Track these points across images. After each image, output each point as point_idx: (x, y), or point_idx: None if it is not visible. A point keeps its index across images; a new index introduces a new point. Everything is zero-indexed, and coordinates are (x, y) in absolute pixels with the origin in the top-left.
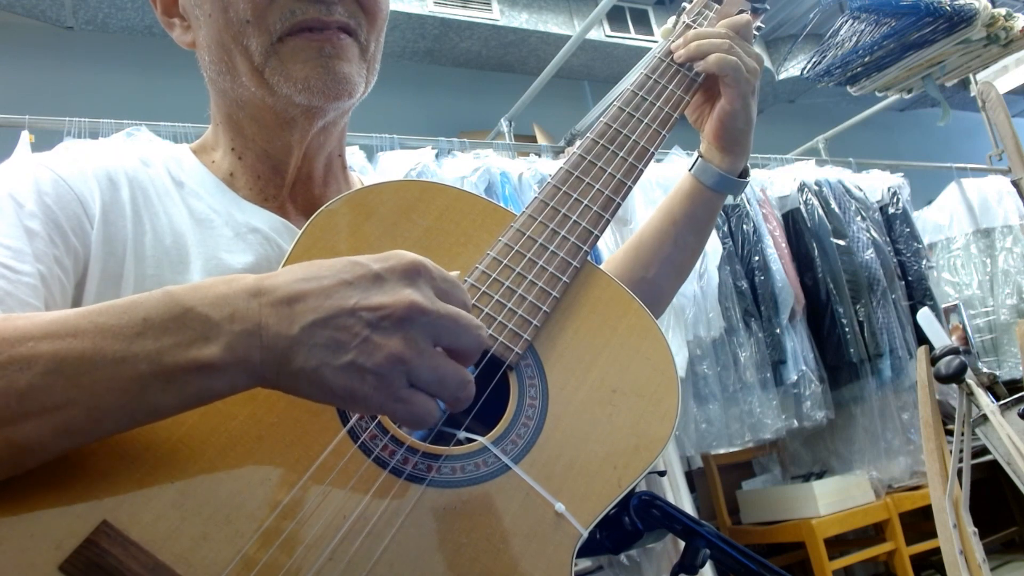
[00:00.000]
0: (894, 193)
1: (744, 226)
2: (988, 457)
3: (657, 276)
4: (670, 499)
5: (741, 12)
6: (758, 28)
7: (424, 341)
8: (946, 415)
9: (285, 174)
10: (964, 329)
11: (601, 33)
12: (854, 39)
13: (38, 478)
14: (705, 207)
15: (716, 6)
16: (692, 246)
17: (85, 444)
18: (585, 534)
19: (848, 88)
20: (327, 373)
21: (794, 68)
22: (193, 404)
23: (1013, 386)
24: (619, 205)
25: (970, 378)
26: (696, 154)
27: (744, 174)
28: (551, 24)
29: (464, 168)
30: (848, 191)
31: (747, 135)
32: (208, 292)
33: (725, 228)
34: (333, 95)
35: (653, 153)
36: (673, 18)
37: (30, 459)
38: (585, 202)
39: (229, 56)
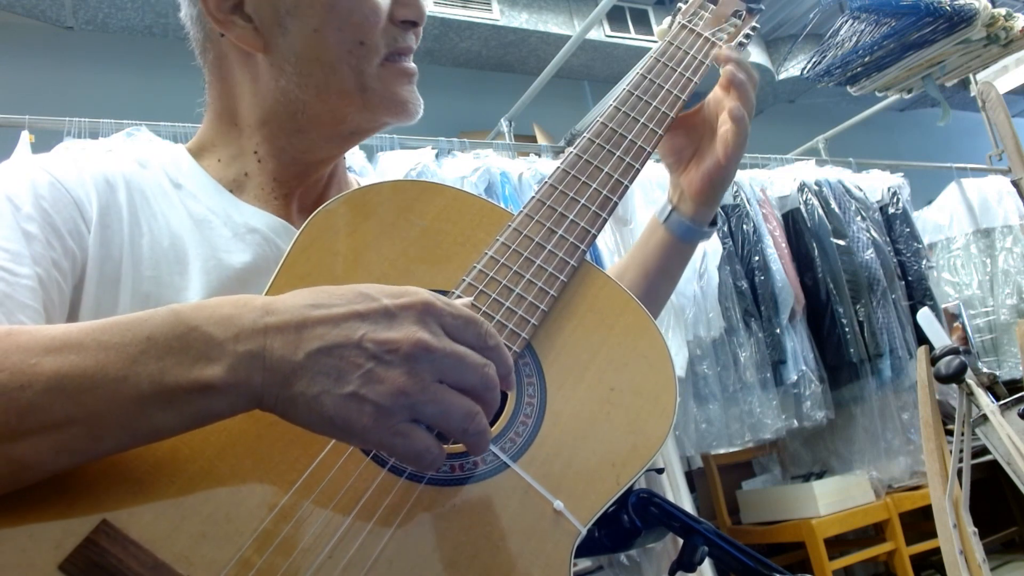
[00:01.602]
0: (894, 193)
1: (744, 226)
2: (988, 457)
3: None
4: (670, 499)
5: (736, 12)
6: (754, 28)
7: (429, 377)
8: (946, 415)
9: (307, 179)
10: (964, 329)
11: (601, 33)
12: (854, 39)
13: None
14: (679, 257)
15: (712, 6)
16: (664, 292)
17: (85, 462)
18: (584, 532)
19: (848, 88)
20: (326, 401)
21: (794, 68)
22: (194, 425)
23: (1013, 386)
24: (616, 204)
25: (970, 378)
26: (667, 205)
27: (713, 222)
28: (551, 24)
29: (464, 168)
30: (848, 191)
31: (726, 189)
32: (215, 312)
33: (725, 228)
34: (413, 116)
35: (650, 152)
36: (668, 18)
37: (29, 476)
38: (582, 201)
39: (326, 72)
